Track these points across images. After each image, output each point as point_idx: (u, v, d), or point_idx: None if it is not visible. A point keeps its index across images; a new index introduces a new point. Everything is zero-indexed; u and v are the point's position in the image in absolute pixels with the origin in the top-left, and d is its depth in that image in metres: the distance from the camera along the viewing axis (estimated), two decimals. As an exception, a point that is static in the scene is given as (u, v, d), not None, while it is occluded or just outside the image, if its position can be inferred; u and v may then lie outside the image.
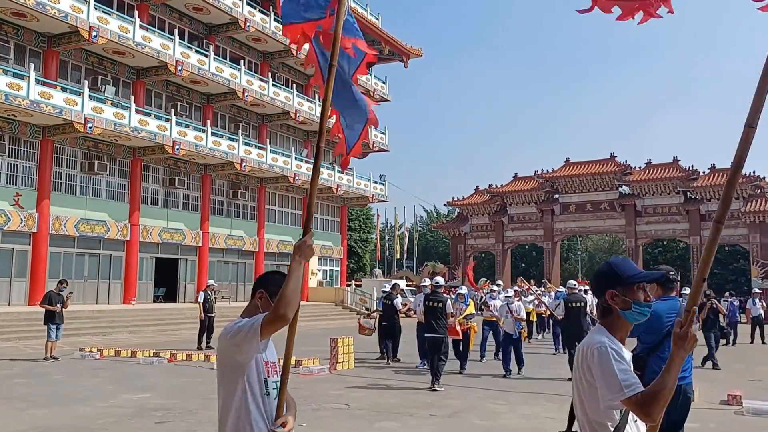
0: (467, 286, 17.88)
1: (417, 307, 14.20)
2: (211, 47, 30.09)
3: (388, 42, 39.20)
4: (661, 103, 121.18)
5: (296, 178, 33.91)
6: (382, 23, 40.13)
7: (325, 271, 40.14)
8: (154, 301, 28.83)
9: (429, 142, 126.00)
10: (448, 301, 11.98)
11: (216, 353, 2.70)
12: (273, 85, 32.89)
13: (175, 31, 28.05)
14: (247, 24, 30.65)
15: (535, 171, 46.36)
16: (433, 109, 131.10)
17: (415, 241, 60.72)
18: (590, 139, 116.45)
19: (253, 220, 34.50)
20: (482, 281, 39.62)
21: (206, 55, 28.94)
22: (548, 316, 19.04)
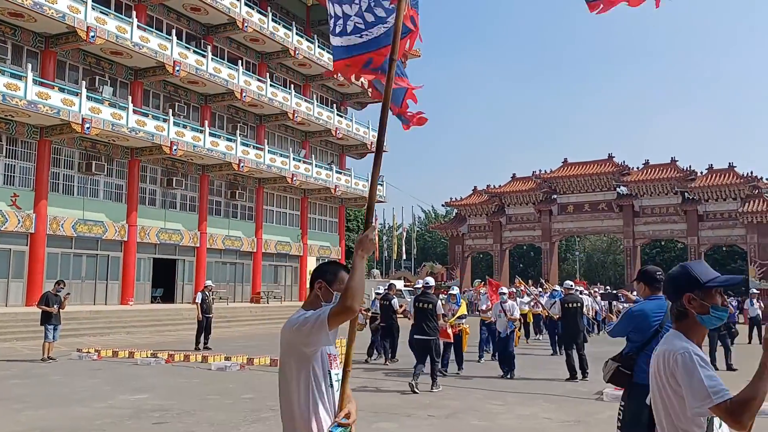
0: (483, 293, 17.62)
1: (412, 309, 14.12)
2: (209, 47, 30.07)
3: (386, 42, 39.15)
4: (660, 104, 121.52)
5: (294, 178, 33.89)
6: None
7: (323, 271, 40.07)
8: (152, 302, 28.81)
9: (427, 143, 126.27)
10: (439, 303, 11.72)
11: (280, 346, 2.76)
12: (271, 85, 32.86)
13: (173, 32, 28.04)
14: (245, 24, 30.63)
15: (533, 171, 46.43)
16: (432, 109, 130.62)
17: (414, 242, 60.77)
18: (589, 140, 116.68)
19: (250, 220, 34.47)
20: (476, 282, 39.68)
21: (204, 56, 28.93)
22: (546, 317, 18.93)
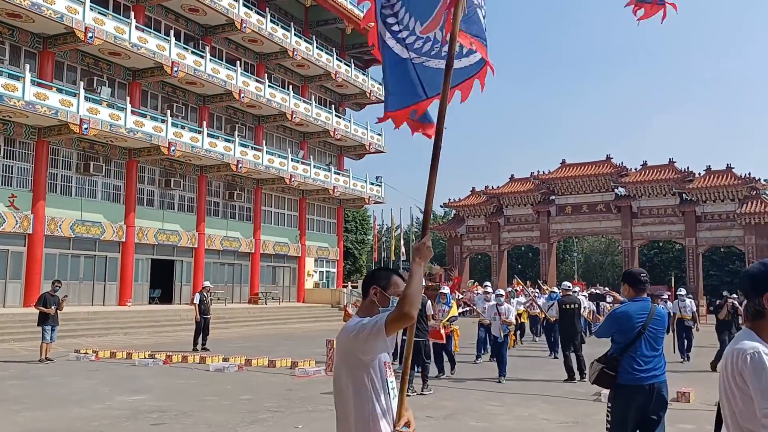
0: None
1: None
2: (207, 48, 30.07)
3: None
4: (658, 104, 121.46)
5: (292, 179, 33.89)
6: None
7: (321, 272, 40.13)
8: (150, 303, 28.80)
9: (425, 144, 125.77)
10: (428, 303, 11.50)
11: (336, 353, 2.75)
12: (269, 86, 32.86)
13: (171, 32, 28.02)
14: (243, 25, 30.63)
15: (532, 172, 46.48)
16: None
17: (412, 243, 60.68)
18: (587, 141, 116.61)
19: (249, 221, 34.46)
20: (470, 283, 39.64)
21: (202, 57, 28.92)
22: (543, 319, 18.60)
